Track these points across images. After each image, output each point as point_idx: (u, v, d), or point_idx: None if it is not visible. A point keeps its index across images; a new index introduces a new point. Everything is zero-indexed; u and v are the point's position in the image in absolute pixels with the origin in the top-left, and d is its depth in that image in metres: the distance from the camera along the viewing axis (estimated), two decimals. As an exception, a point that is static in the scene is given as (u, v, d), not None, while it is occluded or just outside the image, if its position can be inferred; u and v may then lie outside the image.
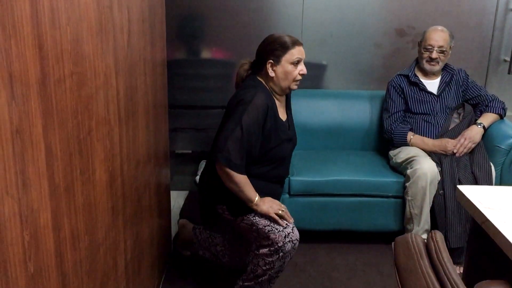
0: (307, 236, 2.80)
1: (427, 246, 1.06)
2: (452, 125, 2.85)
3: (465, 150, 2.69)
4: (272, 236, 2.03)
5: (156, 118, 2.19)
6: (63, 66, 1.08)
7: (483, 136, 2.77)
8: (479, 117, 2.85)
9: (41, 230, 0.98)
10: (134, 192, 1.80)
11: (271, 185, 2.21)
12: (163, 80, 2.35)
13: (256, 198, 2.05)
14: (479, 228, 1.44)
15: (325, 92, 3.37)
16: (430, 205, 2.61)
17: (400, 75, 2.96)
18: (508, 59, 3.31)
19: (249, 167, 2.10)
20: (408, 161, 2.70)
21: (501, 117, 2.85)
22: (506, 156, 2.70)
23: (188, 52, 3.44)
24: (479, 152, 2.70)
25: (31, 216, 0.94)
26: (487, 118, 2.81)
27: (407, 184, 2.65)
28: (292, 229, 2.08)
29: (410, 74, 2.91)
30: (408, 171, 2.64)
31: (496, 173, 2.69)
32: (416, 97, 2.89)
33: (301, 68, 2.13)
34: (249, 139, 2.02)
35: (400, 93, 2.93)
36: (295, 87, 2.17)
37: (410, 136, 2.83)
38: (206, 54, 3.47)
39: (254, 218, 2.07)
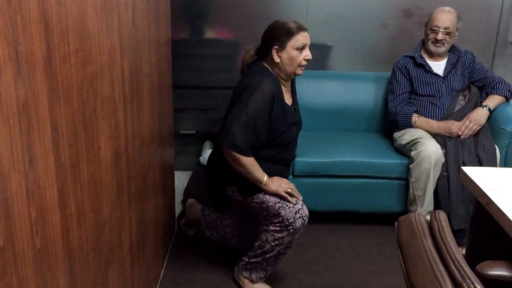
0: (311, 216, 2.79)
1: (430, 225, 1.07)
2: (457, 107, 2.83)
3: (470, 132, 2.69)
4: (282, 212, 2.06)
5: (161, 98, 2.19)
6: (68, 43, 1.07)
7: (489, 118, 2.76)
8: (484, 99, 2.83)
9: (47, 206, 0.99)
10: (139, 171, 1.81)
11: (278, 167, 2.23)
12: (167, 60, 2.35)
13: (265, 178, 2.08)
14: (482, 209, 1.44)
15: (330, 73, 3.36)
16: (434, 187, 2.62)
17: (406, 56, 2.93)
18: (515, 41, 3.28)
19: (257, 151, 2.12)
20: (413, 143, 2.69)
21: (507, 99, 2.83)
22: (511, 139, 2.69)
23: (192, 32, 3.42)
24: (484, 134, 2.69)
25: (37, 192, 0.94)
26: (493, 101, 2.79)
27: (411, 166, 2.65)
28: (302, 206, 2.11)
29: (416, 55, 2.89)
30: (412, 153, 2.64)
31: (500, 156, 2.68)
32: (422, 79, 2.88)
33: (306, 54, 2.14)
34: (255, 124, 2.04)
35: (405, 74, 2.91)
36: (300, 72, 2.17)
37: (415, 118, 2.82)
38: (210, 34, 3.45)
39: (264, 196, 2.09)
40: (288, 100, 2.23)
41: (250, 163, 2.05)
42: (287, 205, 2.08)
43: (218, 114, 3.79)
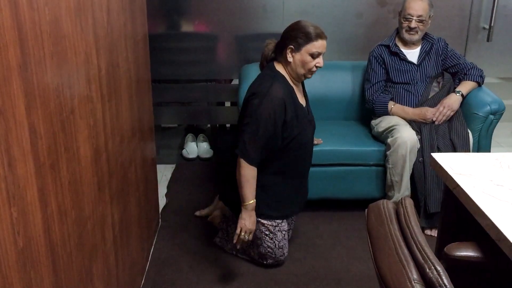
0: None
1: (397, 212, 1.13)
2: (431, 94, 2.90)
3: (444, 118, 2.76)
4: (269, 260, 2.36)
5: (140, 93, 2.22)
6: (43, 47, 1.10)
7: (462, 103, 2.84)
8: (458, 85, 2.90)
9: (28, 207, 1.03)
10: (120, 167, 1.85)
11: (293, 182, 2.35)
12: (145, 55, 2.37)
13: (251, 201, 2.17)
14: (451, 194, 1.51)
15: (308, 63, 3.40)
16: (410, 172, 2.69)
17: (381, 45, 2.99)
18: (487, 26, 3.36)
19: (273, 163, 2.21)
20: (389, 130, 2.76)
21: (479, 84, 2.91)
22: (483, 123, 2.77)
23: (170, 26, 3.44)
24: (458, 119, 2.77)
25: (18, 193, 0.98)
26: (466, 86, 2.87)
27: (388, 153, 2.72)
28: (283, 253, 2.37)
29: (390, 44, 2.95)
30: (389, 140, 2.71)
31: (473, 140, 2.77)
32: (397, 67, 2.94)
33: (318, 61, 2.20)
34: (265, 132, 2.11)
35: (381, 63, 2.97)
36: (309, 76, 2.25)
37: (391, 105, 2.89)
38: (188, 27, 3.47)
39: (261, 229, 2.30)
40: (301, 100, 2.31)
41: (250, 174, 2.14)
42: (275, 254, 2.33)
43: (199, 107, 3.83)
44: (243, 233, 2.18)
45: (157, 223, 2.75)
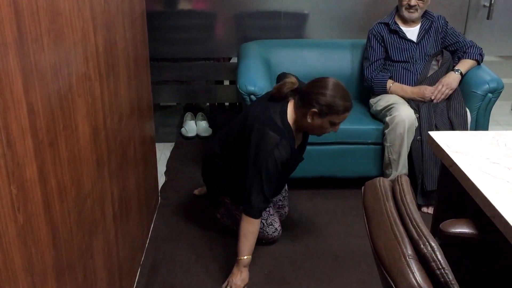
0: (290, 183, 2.88)
1: (393, 189, 1.14)
2: (430, 72, 2.90)
3: (442, 97, 2.76)
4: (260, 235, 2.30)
5: (138, 71, 2.21)
6: (40, 23, 1.10)
7: (460, 82, 2.83)
8: (457, 63, 2.90)
9: (28, 184, 1.04)
10: (119, 145, 1.85)
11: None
12: (143, 33, 2.35)
13: (245, 257, 2.12)
14: (447, 172, 1.52)
15: (306, 41, 3.38)
16: (408, 151, 2.71)
17: (381, 23, 2.97)
18: (487, 4, 3.33)
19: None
20: (387, 109, 2.76)
21: (478, 63, 2.90)
22: (481, 102, 2.77)
23: (168, 4, 3.41)
24: (456, 98, 2.77)
25: (17, 170, 0.99)
26: (465, 65, 2.86)
27: (386, 131, 2.72)
28: (277, 229, 2.38)
29: (390, 22, 2.93)
30: (387, 118, 2.71)
31: (471, 118, 2.77)
32: (396, 45, 2.92)
33: (335, 128, 2.14)
34: (270, 185, 2.09)
35: (380, 41, 2.95)
36: (318, 135, 2.21)
37: (390, 84, 2.88)
38: (186, 5, 3.44)
39: None
40: (298, 141, 2.25)
41: (249, 230, 2.11)
42: (267, 232, 2.35)
43: (198, 86, 3.82)
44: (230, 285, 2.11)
45: (157, 200, 2.78)
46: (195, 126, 3.70)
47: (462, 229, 1.32)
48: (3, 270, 0.94)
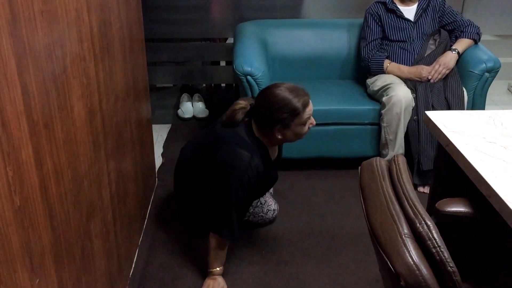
0: (288, 164, 2.89)
1: (389, 169, 1.14)
2: (428, 52, 2.88)
3: (439, 76, 2.75)
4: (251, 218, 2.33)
5: (133, 52, 2.19)
6: (32, 4, 1.08)
7: (457, 61, 2.82)
8: (454, 42, 2.88)
9: (24, 166, 1.03)
10: (115, 127, 1.85)
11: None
12: (137, 14, 2.33)
13: (218, 268, 2.03)
14: (444, 151, 1.52)
15: (303, 21, 3.36)
16: (405, 131, 2.71)
17: (378, 2, 2.94)
18: (485, -18, 3.30)
19: None
20: (384, 89, 2.75)
21: (476, 42, 2.89)
22: (478, 81, 2.76)
23: (163, -17, 3.36)
24: (453, 77, 2.76)
25: (12, 153, 0.98)
26: (462, 44, 2.85)
27: (382, 111, 2.72)
28: (273, 211, 2.38)
29: (387, 1, 2.90)
30: (384, 99, 2.71)
31: (468, 98, 2.77)
32: (393, 24, 2.90)
33: (311, 122, 1.99)
34: (242, 207, 2.01)
35: (377, 20, 2.93)
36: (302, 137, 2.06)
37: (387, 64, 2.87)
38: (181, -16, 3.39)
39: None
40: (272, 155, 2.12)
41: (222, 246, 2.01)
42: (266, 216, 2.35)
43: (194, 67, 3.80)
44: None
45: (154, 182, 2.78)
46: (191, 108, 3.69)
47: (457, 208, 1.33)
48: (1, 251, 0.94)
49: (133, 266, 2.17)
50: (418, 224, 0.92)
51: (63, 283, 1.27)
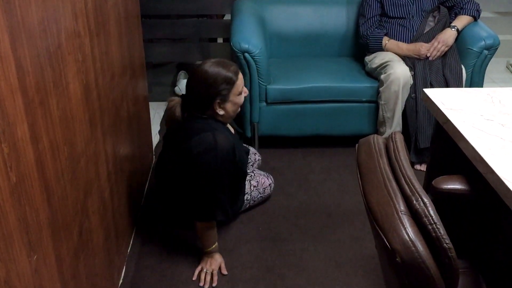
0: (285, 142, 2.90)
1: (387, 146, 1.14)
2: (427, 29, 2.86)
3: (438, 54, 2.73)
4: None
5: (129, 29, 2.17)
6: (25, -22, 1.06)
7: (456, 38, 2.80)
8: (453, 19, 2.86)
9: (19, 143, 1.03)
10: (111, 104, 1.84)
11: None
12: (133, -11, 2.29)
13: (212, 247, 2.03)
14: (441, 128, 1.52)
15: (301, -3, 3.32)
16: (402, 109, 2.70)
17: (377, -22, 2.91)
18: (486, -42, 3.25)
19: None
20: (382, 66, 2.74)
21: (475, 19, 2.86)
22: (477, 59, 2.75)
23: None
24: (452, 55, 2.74)
25: (8, 129, 0.97)
26: (461, 21, 2.82)
27: (380, 89, 2.71)
28: (269, 185, 2.39)
29: (386, -24, 2.87)
30: (382, 76, 2.69)
31: (466, 76, 2.76)
32: (392, 1, 2.87)
33: (245, 91, 2.02)
34: (224, 187, 1.98)
35: (376, -4, 2.90)
36: (238, 110, 2.07)
37: (385, 41, 2.85)
38: (178, -41, 3.34)
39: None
40: (231, 130, 2.19)
41: (211, 225, 2.01)
42: (264, 194, 2.36)
43: (191, 44, 3.76)
44: (203, 273, 2.01)
45: (151, 159, 2.78)
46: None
47: (454, 185, 1.33)
48: (-2, 228, 0.94)
49: (131, 242, 2.18)
50: (414, 201, 0.92)
51: (61, 259, 1.28)
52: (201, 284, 1.98)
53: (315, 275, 2.01)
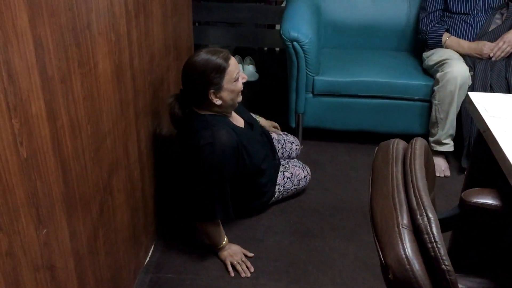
0: (329, 135, 2.83)
1: (405, 153, 1.07)
2: (492, 27, 2.67)
3: (502, 54, 2.55)
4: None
5: (176, 10, 2.18)
6: (52, -44, 1.07)
7: (525, 40, 2.60)
8: (524, 18, 2.65)
9: (33, 119, 1.05)
10: (148, 85, 1.85)
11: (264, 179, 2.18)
12: (185, -29, 2.30)
13: (224, 242, 2.02)
14: (481, 137, 1.41)
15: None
16: (458, 110, 2.55)
17: (443, -30, 2.74)
18: None
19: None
20: (440, 64, 2.59)
21: (549, 19, 2.64)
22: (545, 63, 2.53)
23: None
24: (517, 57, 2.55)
25: (20, 105, 0.99)
26: (532, 20, 2.61)
27: (435, 88, 2.57)
28: (305, 177, 2.34)
29: (453, -32, 2.70)
30: (438, 75, 2.55)
31: (532, 80, 2.55)
32: (457, -5, 2.70)
33: (243, 76, 1.97)
34: (225, 182, 1.93)
35: (440, -10, 2.74)
36: (240, 98, 2.00)
37: (446, 37, 2.69)
38: None
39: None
40: (239, 122, 2.11)
41: (214, 225, 1.99)
42: (299, 186, 2.32)
43: (247, 29, 3.74)
44: (233, 263, 1.99)
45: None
46: (242, 70, 3.65)
47: (484, 199, 1.23)
48: (2, 199, 0.96)
49: (155, 222, 2.21)
50: (418, 216, 0.85)
51: (76, 235, 1.31)
52: (243, 275, 1.96)
53: (340, 275, 1.96)
